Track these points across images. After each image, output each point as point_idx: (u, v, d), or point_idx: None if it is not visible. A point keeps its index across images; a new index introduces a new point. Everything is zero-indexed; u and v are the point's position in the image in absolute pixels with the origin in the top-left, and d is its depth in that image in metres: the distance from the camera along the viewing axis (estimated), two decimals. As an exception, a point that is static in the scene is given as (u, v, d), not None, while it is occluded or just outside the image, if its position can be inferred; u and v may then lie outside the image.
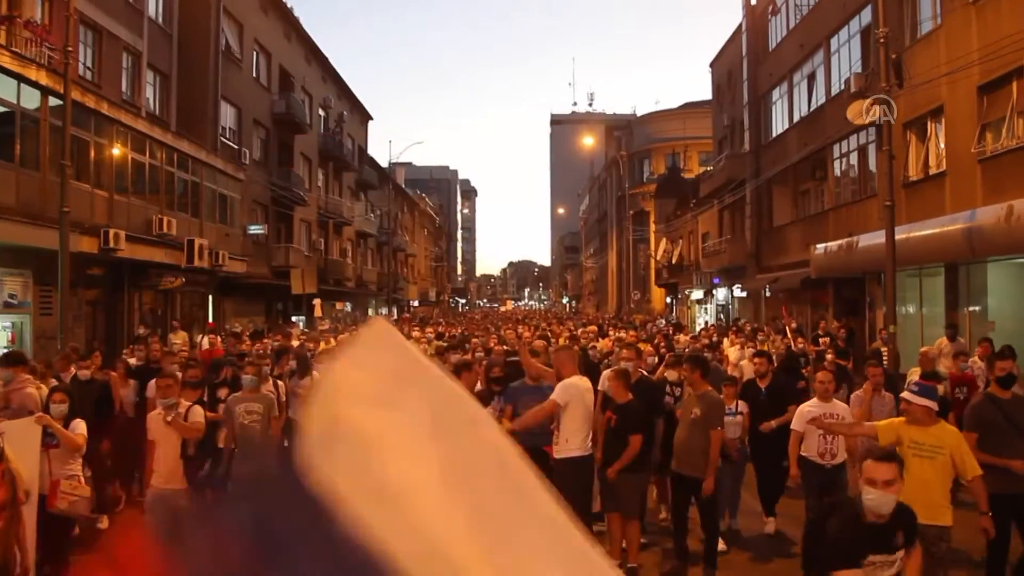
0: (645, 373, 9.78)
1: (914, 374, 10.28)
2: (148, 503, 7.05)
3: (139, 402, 10.01)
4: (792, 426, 8.05)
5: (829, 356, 13.01)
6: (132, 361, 11.69)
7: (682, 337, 19.77)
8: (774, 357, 11.90)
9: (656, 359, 11.74)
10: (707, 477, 7.56)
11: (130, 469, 9.47)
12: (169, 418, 7.03)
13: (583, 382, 7.77)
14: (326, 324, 31.28)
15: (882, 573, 4.19)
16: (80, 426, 7.04)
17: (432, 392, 1.73)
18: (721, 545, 8.26)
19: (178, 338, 19.50)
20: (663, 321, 36.74)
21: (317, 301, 32.77)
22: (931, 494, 5.58)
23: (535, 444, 7.65)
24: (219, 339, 18.16)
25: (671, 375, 9.42)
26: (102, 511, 8.84)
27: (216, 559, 1.43)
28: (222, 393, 8.94)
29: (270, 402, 8.37)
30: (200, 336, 19.91)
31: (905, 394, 6.14)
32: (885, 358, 14.74)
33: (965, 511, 6.48)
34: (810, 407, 7.96)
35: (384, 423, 1.61)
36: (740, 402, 9.19)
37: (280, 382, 9.70)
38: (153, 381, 8.34)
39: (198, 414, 7.30)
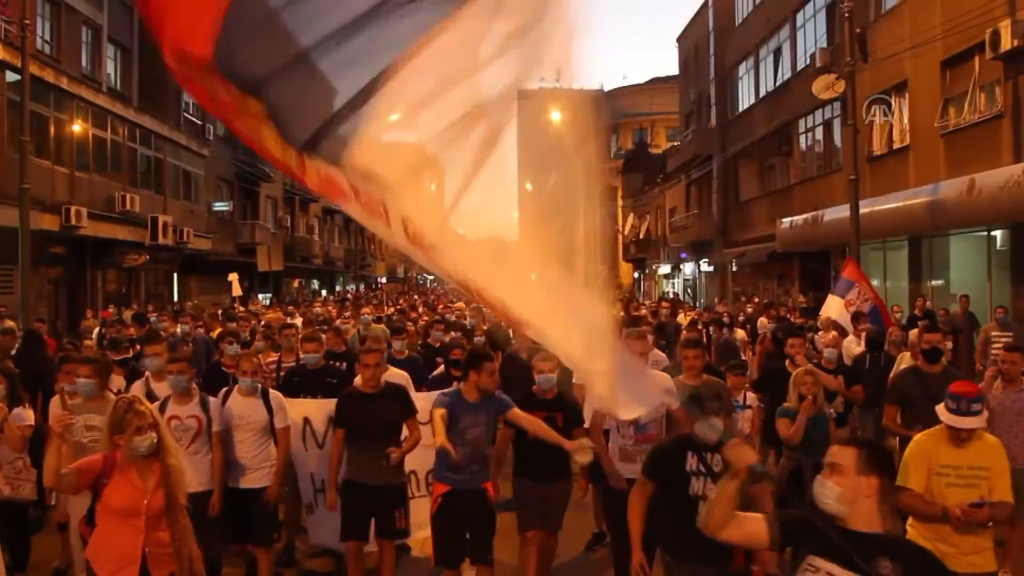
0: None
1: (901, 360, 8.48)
2: None
3: None
4: None
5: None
6: None
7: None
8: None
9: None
10: None
11: None
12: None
13: None
14: (236, 302, 24.71)
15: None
16: (26, 416, 6.39)
17: None
18: None
19: None
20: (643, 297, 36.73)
21: (233, 276, 25.36)
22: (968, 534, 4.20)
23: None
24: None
25: None
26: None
27: None
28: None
29: None
30: (95, 322, 16.85)
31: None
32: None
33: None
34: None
35: None
36: (749, 393, 7.15)
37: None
38: None
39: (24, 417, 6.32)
